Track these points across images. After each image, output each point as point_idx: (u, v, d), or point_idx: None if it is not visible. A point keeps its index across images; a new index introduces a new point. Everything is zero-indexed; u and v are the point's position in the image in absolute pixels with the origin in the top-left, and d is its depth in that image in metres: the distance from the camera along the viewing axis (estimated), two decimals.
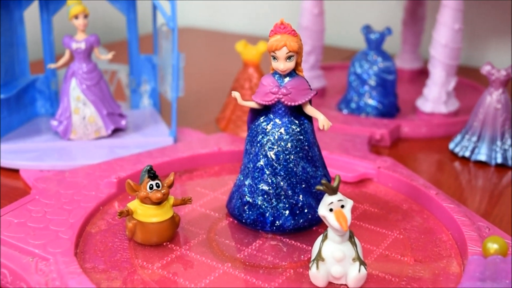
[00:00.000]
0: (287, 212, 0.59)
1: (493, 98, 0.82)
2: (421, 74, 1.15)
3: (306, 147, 0.60)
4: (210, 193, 0.69)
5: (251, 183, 0.60)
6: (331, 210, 0.50)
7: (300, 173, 0.59)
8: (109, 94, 0.83)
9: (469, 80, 1.13)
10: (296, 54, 0.57)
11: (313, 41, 1.00)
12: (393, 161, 0.76)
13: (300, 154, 0.59)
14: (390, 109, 0.94)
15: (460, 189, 0.76)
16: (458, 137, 0.86)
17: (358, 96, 0.94)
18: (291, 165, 0.59)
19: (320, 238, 0.53)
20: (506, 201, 0.73)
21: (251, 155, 0.61)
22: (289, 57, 0.57)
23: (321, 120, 0.58)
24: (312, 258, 0.52)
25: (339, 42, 1.46)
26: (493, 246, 0.52)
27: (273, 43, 0.56)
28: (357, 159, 0.75)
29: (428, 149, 0.89)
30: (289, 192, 0.59)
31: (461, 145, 0.85)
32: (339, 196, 0.51)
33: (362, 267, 0.51)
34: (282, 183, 0.59)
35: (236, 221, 0.62)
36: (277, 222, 0.59)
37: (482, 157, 0.82)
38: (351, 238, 0.52)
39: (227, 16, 1.64)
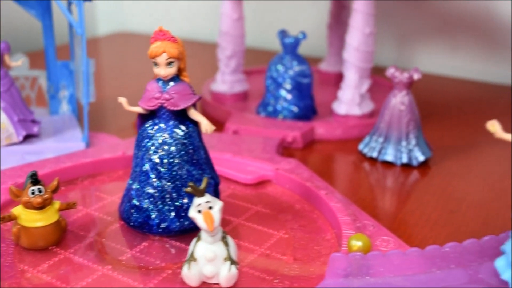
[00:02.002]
0: (173, 214, 0.61)
1: (397, 100, 0.84)
2: None
3: (191, 151, 0.61)
4: (108, 198, 0.70)
5: (138, 186, 0.62)
6: (199, 211, 0.52)
7: (185, 176, 0.61)
8: (21, 101, 0.84)
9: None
10: (177, 60, 0.59)
11: (233, 46, 1.02)
12: (297, 163, 0.78)
13: (185, 158, 0.61)
14: (306, 112, 0.96)
15: (369, 189, 0.79)
16: (367, 139, 0.88)
17: (275, 99, 0.95)
18: (175, 168, 0.60)
19: (195, 239, 0.54)
20: (412, 200, 0.76)
21: (137, 159, 0.62)
22: (169, 63, 0.58)
23: (204, 124, 0.60)
24: (186, 259, 0.54)
25: (269, 45, 1.48)
26: (356, 244, 0.54)
27: (153, 50, 0.58)
28: (258, 161, 0.76)
29: (341, 150, 0.91)
30: (174, 194, 0.61)
31: (369, 146, 0.87)
32: (207, 198, 0.52)
33: (233, 266, 0.53)
34: (167, 186, 0.60)
35: (126, 224, 0.63)
36: (163, 224, 0.61)
37: (389, 157, 0.85)
38: (223, 239, 0.54)
39: (163, 20, 1.65)
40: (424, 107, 1.07)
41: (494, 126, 0.45)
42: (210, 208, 0.52)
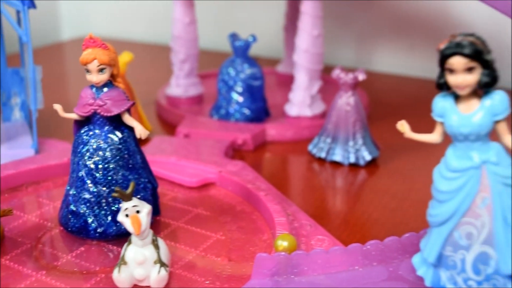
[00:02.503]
0: (110, 218, 0.62)
1: (343, 100, 0.85)
2: None
3: (126, 156, 0.62)
4: (51, 204, 0.70)
5: (74, 192, 0.62)
6: (127, 215, 0.53)
7: (121, 180, 0.62)
8: None
9: None
10: (108, 66, 0.59)
11: (186, 50, 1.02)
12: (243, 165, 0.79)
13: (120, 163, 0.62)
14: (258, 114, 0.97)
15: (317, 189, 0.80)
16: (316, 139, 0.89)
17: (227, 102, 0.96)
18: (111, 173, 0.61)
19: (126, 243, 0.55)
20: (357, 199, 0.77)
21: (74, 165, 0.63)
22: (101, 70, 0.59)
23: (138, 129, 0.61)
24: (117, 263, 0.55)
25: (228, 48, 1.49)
26: (282, 244, 0.55)
27: (84, 57, 0.59)
28: (203, 164, 0.77)
29: (292, 151, 0.92)
30: (110, 199, 0.61)
31: (318, 147, 0.88)
32: (134, 202, 0.53)
33: (163, 268, 0.54)
34: (102, 191, 0.61)
35: (65, 230, 0.64)
36: (99, 229, 0.62)
37: (337, 157, 0.86)
38: (154, 242, 0.55)
39: (127, 24, 1.65)
40: (379, 106, 1.09)
41: (403, 126, 0.46)
42: (138, 212, 0.53)
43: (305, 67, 0.94)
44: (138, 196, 0.62)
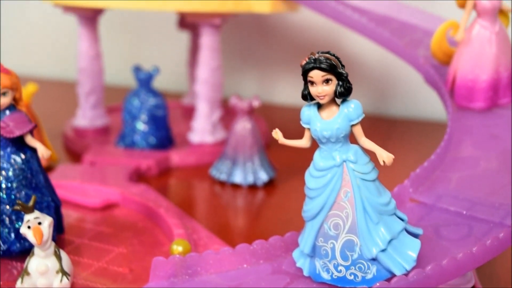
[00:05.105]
0: (13, 236, 0.64)
1: (240, 125, 0.92)
2: None
3: (29, 176, 0.65)
4: None
5: None
6: (29, 227, 0.56)
7: (24, 199, 0.64)
8: None
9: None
10: (11, 90, 0.63)
11: (92, 82, 1.06)
12: (146, 187, 0.83)
13: (24, 182, 0.65)
14: (162, 141, 1.01)
15: (219, 208, 0.85)
16: (217, 163, 0.95)
17: (132, 131, 1.01)
18: (14, 192, 0.64)
19: (29, 255, 0.58)
20: (254, 215, 0.83)
21: None
22: (3, 93, 0.62)
23: (40, 150, 0.64)
24: (20, 274, 0.57)
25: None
26: (177, 248, 0.60)
27: None
28: (108, 187, 0.81)
29: (195, 176, 0.97)
30: (14, 217, 0.64)
31: (219, 170, 0.94)
32: (35, 214, 0.57)
33: (64, 277, 0.57)
34: (6, 209, 0.64)
35: None
36: (3, 246, 0.64)
37: (237, 178, 0.92)
38: (56, 253, 0.58)
39: (32, 60, 1.67)
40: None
41: (277, 134, 0.53)
42: (40, 223, 0.56)
43: (205, 97, 1.01)
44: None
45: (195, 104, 1.04)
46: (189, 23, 1.14)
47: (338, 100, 0.50)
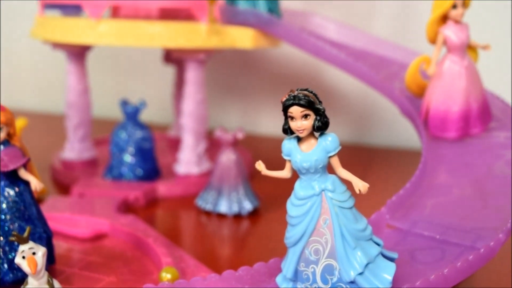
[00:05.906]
0: (6, 266, 0.66)
1: (225, 157, 0.95)
2: None
3: (22, 208, 0.68)
4: None
5: None
6: (24, 257, 0.58)
7: (17, 230, 0.67)
8: None
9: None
10: (5, 126, 0.66)
11: (80, 115, 1.09)
12: (134, 218, 0.85)
13: (17, 214, 0.67)
14: (149, 173, 1.04)
15: (205, 238, 0.88)
16: (202, 194, 0.98)
17: (120, 163, 1.03)
18: (7, 224, 0.67)
19: (23, 285, 0.60)
20: (240, 244, 0.86)
21: None
22: None
23: (33, 183, 0.67)
24: None
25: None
26: (166, 275, 0.62)
27: None
28: (96, 217, 0.84)
29: (182, 206, 1.00)
30: (7, 248, 0.66)
31: (205, 200, 0.97)
32: (30, 244, 0.59)
33: None
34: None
35: None
36: None
37: (222, 208, 0.95)
38: (49, 282, 0.60)
39: (19, 94, 1.70)
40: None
41: (260, 166, 0.56)
42: (34, 254, 0.59)
43: (191, 129, 1.04)
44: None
45: (181, 136, 1.08)
46: (174, 58, 1.18)
47: (317, 134, 0.53)
